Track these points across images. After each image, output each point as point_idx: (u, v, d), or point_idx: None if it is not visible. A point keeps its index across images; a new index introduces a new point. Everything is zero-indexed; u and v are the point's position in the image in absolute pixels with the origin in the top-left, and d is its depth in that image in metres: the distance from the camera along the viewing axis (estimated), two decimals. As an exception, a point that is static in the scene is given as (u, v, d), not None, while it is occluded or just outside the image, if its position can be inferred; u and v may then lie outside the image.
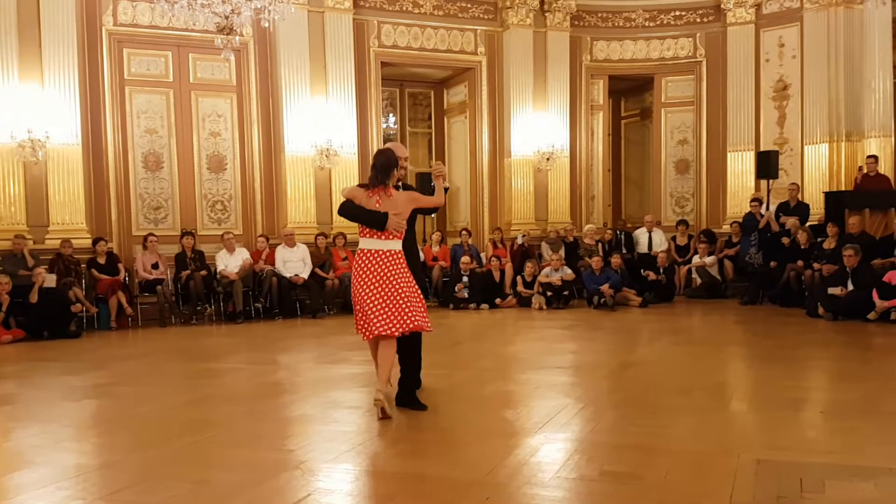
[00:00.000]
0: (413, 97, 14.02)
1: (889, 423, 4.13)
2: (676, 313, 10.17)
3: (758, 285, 10.58)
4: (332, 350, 7.38)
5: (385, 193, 4.53)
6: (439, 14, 12.14)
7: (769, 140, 12.49)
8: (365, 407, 4.85)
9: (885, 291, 8.24)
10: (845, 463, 3.43)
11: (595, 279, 10.55)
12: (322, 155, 11.09)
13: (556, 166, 12.62)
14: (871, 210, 9.92)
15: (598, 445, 3.86)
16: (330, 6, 11.14)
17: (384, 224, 4.48)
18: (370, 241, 4.56)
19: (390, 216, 4.48)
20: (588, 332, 8.54)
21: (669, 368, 6.27)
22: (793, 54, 12.26)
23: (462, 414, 4.69)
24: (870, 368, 6.05)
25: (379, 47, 11.81)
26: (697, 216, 13.17)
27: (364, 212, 4.53)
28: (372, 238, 4.55)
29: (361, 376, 5.90)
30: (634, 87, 14.35)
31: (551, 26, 12.60)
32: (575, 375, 5.96)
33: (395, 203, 4.53)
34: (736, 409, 4.64)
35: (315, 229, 10.99)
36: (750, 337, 8.13)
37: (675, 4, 13.05)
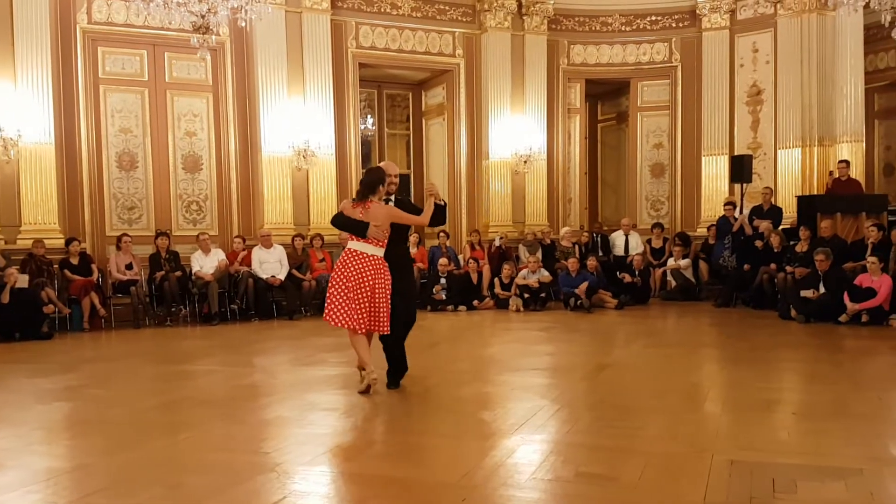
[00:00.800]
0: (391, 98, 14.00)
1: (859, 425, 4.20)
2: (652, 315, 10.26)
3: (731, 288, 10.71)
4: (309, 352, 7.34)
5: (365, 206, 5.19)
6: (417, 16, 12.14)
7: (743, 144, 12.65)
8: (342, 409, 4.84)
9: (855, 294, 8.38)
10: (817, 464, 3.48)
11: (571, 281, 10.61)
12: (299, 156, 11.04)
13: (533, 169, 12.68)
14: (842, 214, 10.08)
15: (574, 447, 3.88)
16: (307, 6, 11.10)
17: (364, 231, 5.15)
18: (356, 243, 5.20)
19: (371, 226, 5.14)
20: (564, 333, 8.59)
21: (644, 370, 6.32)
22: (766, 60, 12.44)
23: (439, 416, 4.70)
24: (841, 371, 6.14)
25: (357, 48, 11.78)
26: (672, 219, 13.30)
27: (350, 221, 5.23)
28: (358, 242, 5.19)
29: (338, 378, 5.88)
30: (611, 91, 14.45)
31: (529, 30, 12.66)
32: (551, 377, 5.99)
33: (375, 215, 5.17)
34: (709, 411, 4.70)
35: (292, 230, 10.93)
36: (723, 339, 8.23)
37: (651, 9, 13.18)
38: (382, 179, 5.25)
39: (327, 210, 11.37)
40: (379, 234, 5.15)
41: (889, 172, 13.81)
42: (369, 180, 5.28)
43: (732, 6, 12.62)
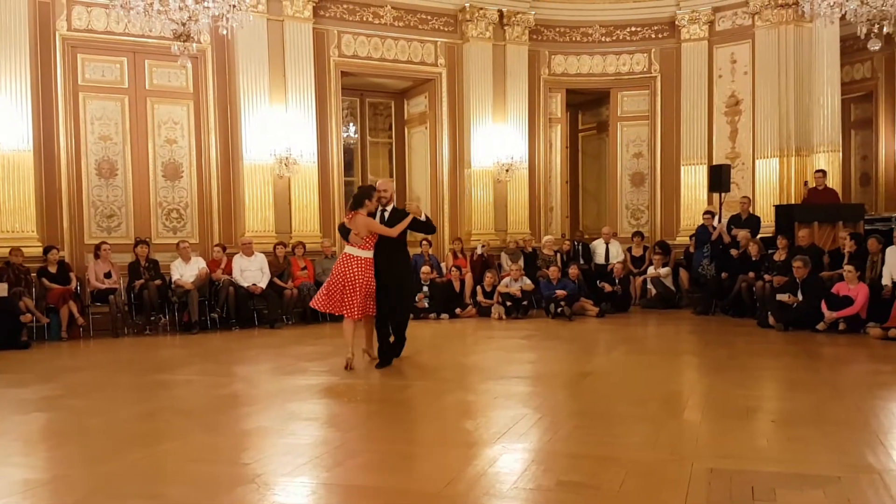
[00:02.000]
0: (373, 107, 14.02)
1: (838, 432, 4.24)
2: (632, 323, 10.32)
3: (710, 296, 10.81)
4: (290, 361, 7.31)
5: (353, 216, 6.53)
6: (399, 25, 12.18)
7: (721, 154, 12.79)
8: (323, 419, 4.83)
9: (833, 303, 8.49)
10: (796, 471, 3.51)
11: (553, 289, 10.66)
12: (281, 163, 11.01)
13: (515, 177, 12.75)
14: (819, 223, 10.22)
15: (556, 455, 3.89)
16: (289, 15, 11.09)
17: (346, 236, 6.61)
18: (349, 247, 6.56)
19: (351, 233, 6.52)
20: (546, 341, 8.62)
21: (625, 378, 6.36)
22: (744, 70, 12.60)
23: (421, 425, 4.70)
24: (819, 378, 6.21)
25: (339, 57, 11.79)
26: (652, 228, 13.41)
27: (343, 228, 6.72)
28: (351, 246, 6.54)
29: (319, 387, 5.86)
30: (591, 101, 14.57)
31: (510, 40, 12.74)
32: (533, 385, 6.01)
33: (356, 224, 6.49)
34: (689, 418, 4.73)
35: (273, 238, 10.89)
36: (703, 347, 8.29)
37: (630, 20, 13.32)
38: (368, 195, 6.53)
39: (309, 218, 11.37)
40: (358, 239, 6.47)
41: (865, 182, 14.03)
42: (356, 196, 6.68)
43: (711, 17, 12.79)
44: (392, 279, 6.55)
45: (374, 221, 6.49)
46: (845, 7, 7.64)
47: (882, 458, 3.66)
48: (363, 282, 6.44)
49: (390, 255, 6.55)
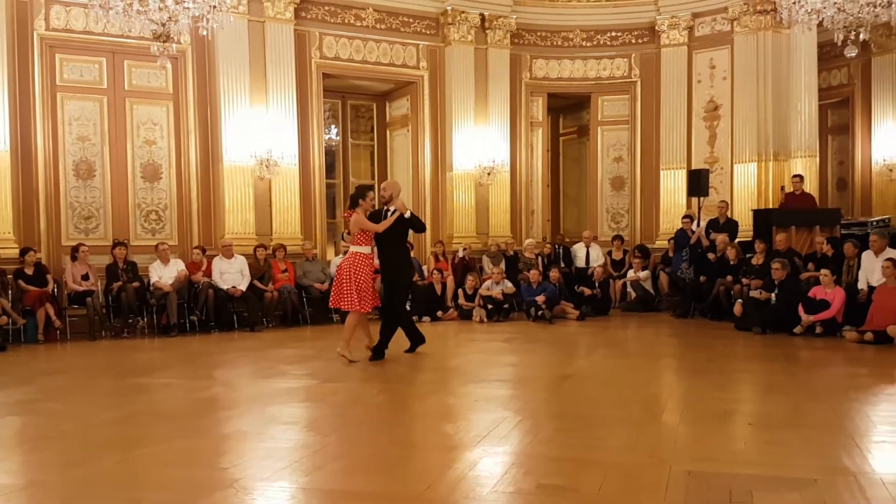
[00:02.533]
0: (355, 109, 13.99)
1: (814, 435, 4.29)
2: (612, 326, 10.39)
3: (689, 299, 10.90)
4: (270, 364, 7.27)
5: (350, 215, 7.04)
6: (381, 28, 12.17)
7: (700, 159, 12.91)
8: (303, 422, 4.81)
9: (810, 306, 8.60)
10: (773, 474, 3.55)
11: (534, 292, 10.70)
12: (262, 165, 10.96)
13: (496, 181, 12.78)
14: (796, 228, 10.34)
15: (536, 458, 3.91)
16: (271, 16, 11.04)
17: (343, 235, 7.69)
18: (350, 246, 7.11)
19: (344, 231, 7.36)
20: (527, 344, 8.65)
21: (605, 380, 6.40)
22: (723, 76, 12.74)
23: (402, 428, 4.70)
24: (796, 381, 6.28)
25: (321, 59, 11.76)
26: (632, 232, 13.50)
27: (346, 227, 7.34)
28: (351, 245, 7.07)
29: (300, 391, 5.84)
30: (572, 105, 14.64)
31: (492, 44, 12.78)
32: (514, 388, 6.03)
33: (350, 223, 7.02)
34: (668, 421, 4.77)
35: (254, 240, 10.83)
36: (682, 350, 8.37)
37: (611, 26, 13.41)
38: (362, 195, 7.02)
39: (290, 220, 11.32)
40: (350, 238, 7.05)
41: (842, 187, 14.24)
42: (352, 196, 7.18)
43: (690, 23, 12.91)
44: (388, 275, 7.22)
45: (363, 218, 6.94)
46: (822, 14, 7.73)
47: (857, 461, 3.71)
48: (356, 276, 6.86)
49: (387, 252, 7.16)
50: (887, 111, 12.84)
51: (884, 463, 3.72)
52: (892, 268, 8.12)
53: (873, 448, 3.97)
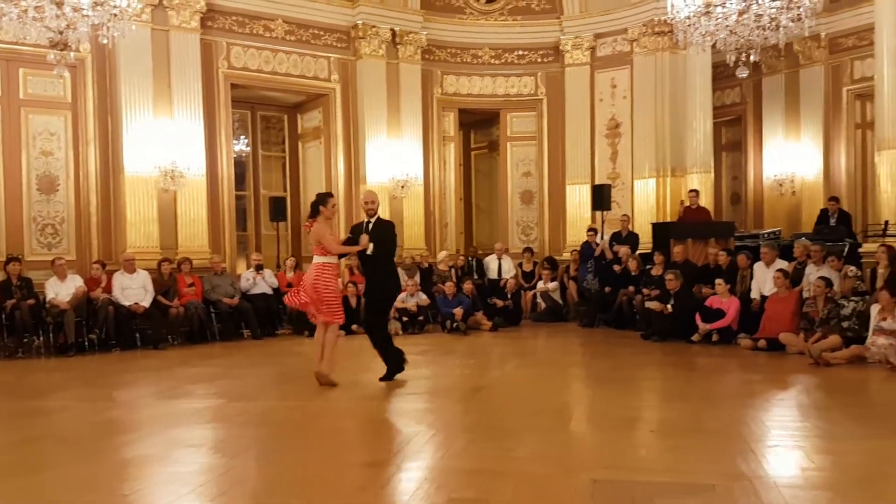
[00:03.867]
0: (266, 120, 13.78)
1: (712, 441, 4.51)
2: (524, 336, 10.61)
3: (594, 309, 11.26)
4: (175, 384, 7.04)
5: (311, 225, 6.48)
6: (291, 39, 12.06)
7: (603, 174, 13.39)
8: (209, 445, 4.69)
9: (706, 315, 9.04)
10: (673, 480, 3.70)
11: (449, 304, 10.81)
12: (166, 176, 10.62)
13: (410, 194, 12.84)
14: (693, 240, 10.85)
15: (448, 472, 3.95)
16: (175, 25, 10.75)
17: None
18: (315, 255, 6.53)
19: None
20: (442, 356, 8.71)
21: (517, 391, 6.53)
22: (624, 95, 13.28)
23: (313, 447, 4.64)
24: (694, 388, 6.57)
25: (228, 69, 11.53)
26: (541, 244, 13.85)
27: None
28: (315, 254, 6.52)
29: (206, 411, 5.68)
30: (483, 121, 14.91)
31: (403, 58, 12.87)
32: (428, 401, 6.06)
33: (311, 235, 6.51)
34: (576, 430, 4.91)
35: (158, 254, 10.46)
36: (588, 359, 8.64)
37: (518, 44, 13.76)
38: (322, 202, 6.47)
39: (197, 233, 11.01)
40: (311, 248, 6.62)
41: (735, 201, 15.06)
42: (312, 203, 6.57)
43: (593, 43, 13.40)
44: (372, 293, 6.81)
45: (324, 233, 6.45)
46: (716, 36, 8.16)
47: (752, 466, 3.90)
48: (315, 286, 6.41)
49: (369, 271, 6.83)
50: (777, 129, 13.67)
51: (778, 467, 3.92)
52: (782, 278, 8.65)
53: (767, 453, 4.18)
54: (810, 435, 4.68)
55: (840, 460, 4.04)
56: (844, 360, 7.23)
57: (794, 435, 4.65)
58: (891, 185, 9.82)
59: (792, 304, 8.45)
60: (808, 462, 4.02)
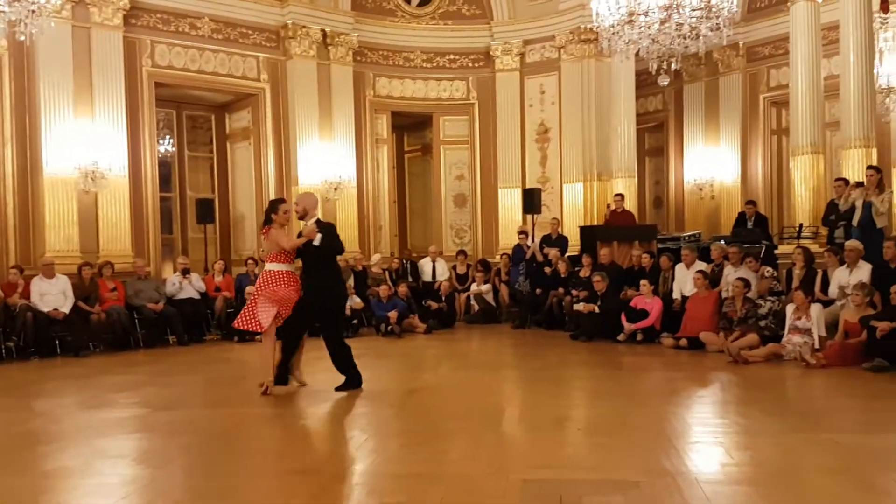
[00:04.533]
0: (192, 120, 13.45)
1: (636, 438, 4.66)
2: (457, 338, 10.69)
3: (526, 311, 11.44)
4: (97, 392, 6.81)
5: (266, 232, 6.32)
6: (218, 38, 11.82)
7: (533, 178, 13.64)
8: (133, 455, 4.56)
9: (631, 315, 9.31)
10: (600, 478, 3.80)
11: (383, 307, 10.79)
12: (87, 177, 10.27)
13: (343, 196, 12.76)
14: (618, 242, 11.16)
15: (380, 476, 3.96)
16: (97, 22, 10.40)
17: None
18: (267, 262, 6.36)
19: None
20: (376, 360, 8.65)
21: (449, 393, 6.58)
22: (552, 101, 13.55)
23: (241, 455, 4.56)
24: (620, 387, 6.76)
25: (153, 67, 11.22)
26: (475, 246, 13.99)
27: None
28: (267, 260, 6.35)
29: (129, 421, 5.52)
30: (416, 124, 14.95)
31: (334, 60, 12.78)
32: (361, 405, 6.03)
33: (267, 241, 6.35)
34: (507, 431, 5.00)
35: (79, 258, 10.09)
36: (520, 359, 8.78)
37: (449, 49, 13.88)
38: (273, 209, 6.30)
39: (120, 236, 10.68)
40: (265, 255, 6.47)
41: (658, 205, 15.56)
42: (265, 211, 6.44)
43: (522, 50, 13.63)
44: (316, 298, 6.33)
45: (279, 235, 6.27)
46: (639, 45, 8.40)
47: (675, 462, 4.04)
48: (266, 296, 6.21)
49: (311, 271, 6.41)
50: (697, 135, 14.20)
51: (699, 463, 4.07)
52: (702, 279, 8.99)
53: (689, 449, 4.35)
54: (730, 431, 4.88)
55: (758, 455, 4.21)
56: (762, 358, 7.56)
57: (714, 431, 4.85)
58: (805, 189, 10.33)
59: (711, 304, 8.78)
60: (727, 458, 4.19)
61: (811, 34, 10.16)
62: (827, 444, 4.38)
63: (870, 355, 6.93)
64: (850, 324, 7.38)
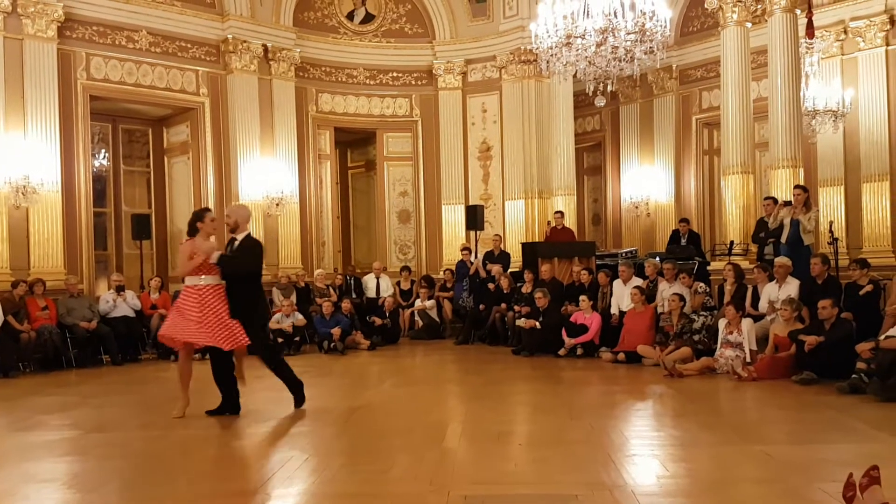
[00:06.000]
0: (129, 133, 13.14)
1: (575, 451, 4.72)
2: (401, 355, 10.68)
3: (469, 326, 11.51)
4: (27, 414, 6.55)
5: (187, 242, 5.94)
6: (157, 51, 11.62)
7: (476, 195, 13.80)
8: (63, 479, 4.41)
9: (571, 330, 9.47)
10: (540, 492, 3.85)
11: (326, 323, 10.71)
12: (17, 192, 9.95)
13: (286, 212, 12.65)
14: (559, 259, 11.35)
15: (320, 497, 3.92)
16: (30, 34, 10.12)
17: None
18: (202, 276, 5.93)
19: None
20: (318, 378, 8.57)
21: (392, 410, 6.57)
22: (494, 119, 13.77)
23: (177, 478, 4.44)
24: (560, 401, 6.87)
25: (88, 80, 10.97)
26: (419, 262, 14.03)
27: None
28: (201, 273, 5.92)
29: (61, 443, 5.34)
30: (360, 140, 14.95)
31: (276, 75, 12.71)
32: (303, 424, 5.96)
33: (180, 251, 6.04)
34: (449, 447, 5.00)
35: (9, 276, 9.75)
36: (462, 375, 8.82)
37: (392, 66, 13.96)
38: (200, 218, 6.01)
39: (52, 252, 10.35)
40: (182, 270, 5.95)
41: (597, 222, 15.90)
42: (189, 222, 6.09)
43: (464, 69, 13.82)
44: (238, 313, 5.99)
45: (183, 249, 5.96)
46: (576, 66, 8.60)
47: (612, 475, 4.11)
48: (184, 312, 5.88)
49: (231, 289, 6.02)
50: (633, 154, 14.58)
51: (636, 476, 4.14)
52: (639, 294, 9.21)
53: (626, 462, 4.42)
54: (665, 444, 5.01)
55: (692, 467, 4.32)
56: (696, 371, 7.78)
57: (650, 444, 4.97)
58: (735, 208, 10.69)
59: (648, 318, 9.01)
60: (663, 470, 4.27)
61: (741, 58, 10.57)
62: (758, 456, 4.51)
63: (799, 368, 7.17)
64: (780, 338, 7.64)
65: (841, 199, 11.54)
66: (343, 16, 13.74)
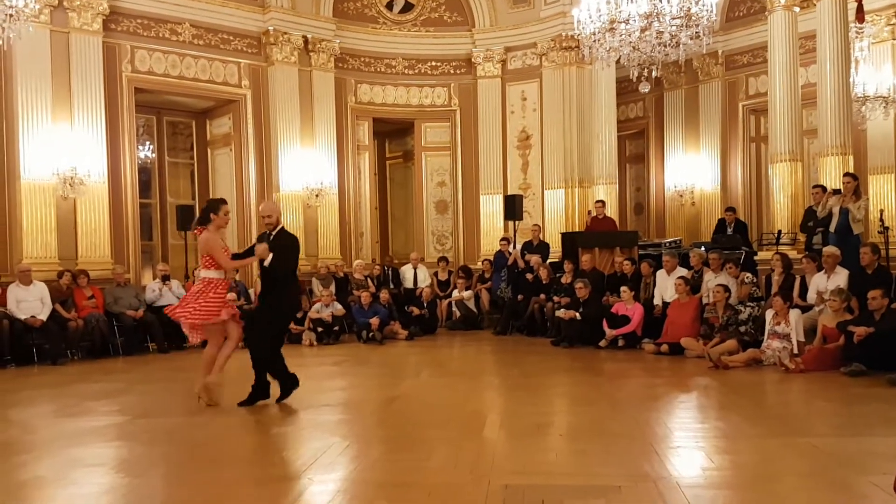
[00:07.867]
0: (173, 126, 13.37)
1: (615, 443, 4.67)
2: (439, 345, 10.67)
3: (507, 317, 11.45)
4: (75, 401, 6.71)
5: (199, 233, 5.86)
6: (200, 44, 11.77)
7: (515, 184, 13.70)
8: (111, 464, 4.51)
9: (612, 321, 9.35)
10: (581, 483, 3.82)
11: (364, 314, 10.76)
12: (65, 183, 10.19)
13: (325, 203, 12.74)
14: (600, 249, 11.21)
15: (362, 484, 3.94)
16: (76, 27, 10.33)
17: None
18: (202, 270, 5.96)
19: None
20: (357, 367, 8.66)
21: (430, 400, 6.56)
22: (534, 108, 13.63)
23: (222, 464, 4.52)
24: (601, 393, 6.79)
25: (132, 72, 11.16)
26: (456, 253, 14.00)
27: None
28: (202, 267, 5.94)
29: (108, 429, 5.46)
30: (398, 131, 14.97)
31: (316, 66, 12.77)
32: (342, 413, 6.02)
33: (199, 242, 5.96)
34: (488, 437, 4.98)
35: (56, 265, 10.00)
36: (500, 366, 8.78)
37: (431, 55, 13.92)
38: (214, 209, 5.86)
39: (98, 243, 10.58)
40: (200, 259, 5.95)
41: (639, 211, 15.66)
42: (202, 209, 6.03)
43: (504, 57, 13.70)
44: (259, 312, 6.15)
45: (216, 245, 5.82)
46: (619, 52, 8.48)
47: (656, 467, 4.06)
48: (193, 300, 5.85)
49: (265, 287, 6.10)
50: (677, 142, 14.31)
51: (680, 468, 4.09)
52: (683, 285, 9.05)
53: (670, 454, 4.36)
54: (710, 436, 4.92)
55: (737, 459, 4.24)
56: (741, 363, 7.62)
57: (694, 436, 4.88)
58: (783, 196, 10.44)
59: (692, 309, 8.84)
60: (708, 462, 4.21)
61: (789, 43, 10.30)
62: (805, 448, 4.41)
63: (847, 360, 7.00)
64: (828, 329, 7.46)
65: (891, 187, 11.19)
66: (382, 5, 13.74)
